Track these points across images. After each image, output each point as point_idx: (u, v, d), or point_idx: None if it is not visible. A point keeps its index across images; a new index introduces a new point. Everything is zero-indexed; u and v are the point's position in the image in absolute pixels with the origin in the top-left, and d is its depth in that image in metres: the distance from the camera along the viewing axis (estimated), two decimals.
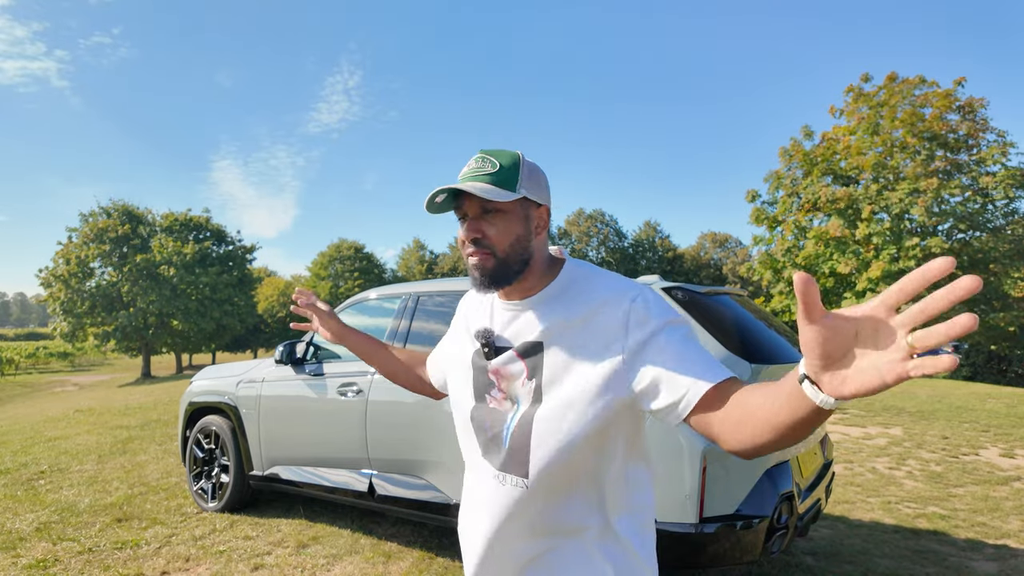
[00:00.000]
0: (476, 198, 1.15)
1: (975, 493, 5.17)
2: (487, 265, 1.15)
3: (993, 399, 12.08)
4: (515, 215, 1.16)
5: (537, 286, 1.20)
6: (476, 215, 1.16)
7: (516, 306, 1.21)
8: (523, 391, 1.16)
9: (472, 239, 1.16)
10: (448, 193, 1.15)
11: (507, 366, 1.18)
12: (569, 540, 1.15)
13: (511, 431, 1.17)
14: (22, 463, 6.42)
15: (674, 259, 54.74)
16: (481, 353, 1.24)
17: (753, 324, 3.14)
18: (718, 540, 2.56)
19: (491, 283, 1.16)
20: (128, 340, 36.62)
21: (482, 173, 1.14)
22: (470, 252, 1.17)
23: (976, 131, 22.87)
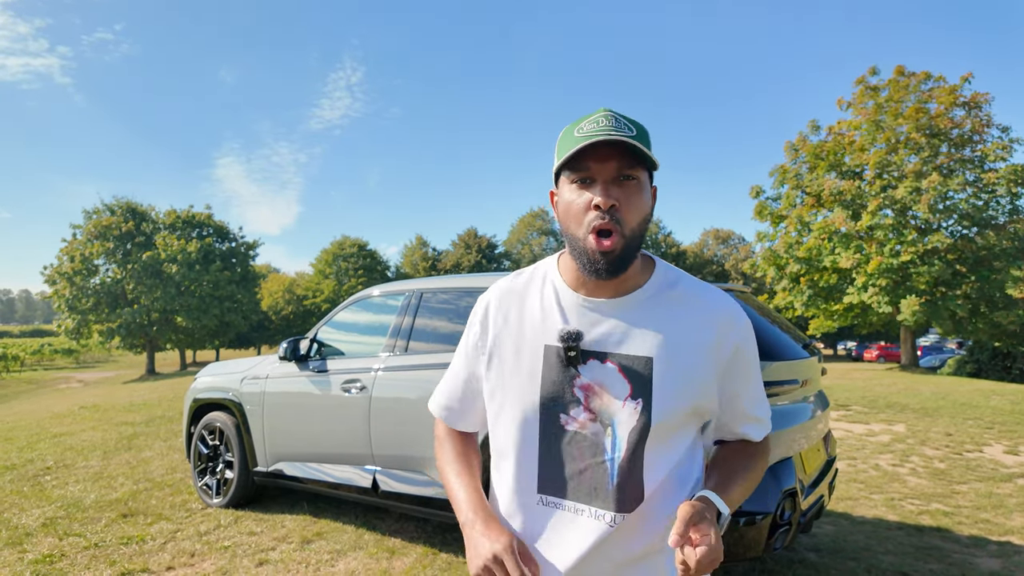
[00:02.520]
0: (614, 159, 0.95)
1: (979, 490, 5.17)
2: (617, 248, 0.96)
3: (997, 396, 12.06)
4: (646, 189, 1.01)
5: (635, 280, 1.04)
6: (610, 179, 0.96)
7: (605, 305, 1.03)
8: (624, 413, 0.98)
9: (609, 207, 0.95)
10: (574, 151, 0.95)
11: (605, 381, 1.00)
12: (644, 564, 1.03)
13: (617, 465, 0.99)
14: (28, 459, 6.45)
15: (677, 256, 54.68)
16: (562, 361, 1.02)
17: (757, 321, 3.14)
18: (721, 536, 2.56)
19: (613, 270, 0.97)
20: (132, 337, 36.77)
21: (624, 134, 0.95)
22: (599, 225, 0.95)
23: (980, 127, 22.78)
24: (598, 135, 0.94)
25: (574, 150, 0.95)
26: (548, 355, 1.03)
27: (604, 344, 1.00)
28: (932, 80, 23.65)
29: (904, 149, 23.31)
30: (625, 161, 0.96)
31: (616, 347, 1.00)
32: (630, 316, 1.01)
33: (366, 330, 4.24)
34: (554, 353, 1.02)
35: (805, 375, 3.12)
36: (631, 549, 1.01)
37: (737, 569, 3.44)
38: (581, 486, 1.00)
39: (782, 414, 2.86)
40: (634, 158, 0.97)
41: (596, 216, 0.95)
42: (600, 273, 0.97)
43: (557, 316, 1.04)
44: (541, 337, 1.04)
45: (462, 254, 51.19)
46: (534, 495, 1.03)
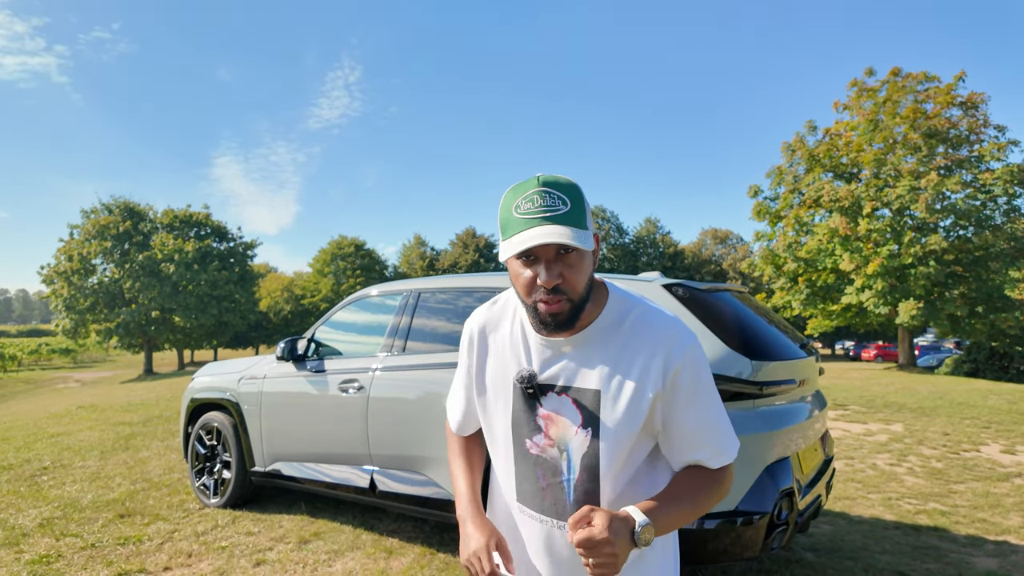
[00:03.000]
0: (555, 242, 1.02)
1: (976, 489, 5.18)
2: (564, 311, 1.07)
3: (994, 395, 12.08)
4: (586, 255, 1.09)
5: (586, 319, 1.13)
6: (552, 258, 1.05)
7: (562, 344, 1.14)
8: (576, 440, 1.11)
9: (553, 287, 1.05)
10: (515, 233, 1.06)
11: (561, 411, 1.12)
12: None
13: (573, 484, 1.13)
14: (25, 459, 6.44)
15: (675, 255, 54.70)
16: (523, 395, 1.16)
17: (754, 321, 3.14)
18: (718, 536, 2.57)
19: (561, 328, 1.08)
20: (130, 336, 36.73)
21: (557, 213, 1.03)
22: (544, 299, 1.06)
23: (977, 127, 22.81)
24: (534, 223, 1.03)
25: (516, 250, 1.03)
26: (516, 390, 1.18)
27: (560, 378, 1.13)
28: (928, 80, 23.69)
29: (901, 149, 23.34)
30: (562, 243, 1.03)
31: (570, 381, 1.13)
32: (582, 352, 1.13)
33: (364, 330, 4.23)
34: (520, 389, 1.17)
35: (802, 375, 3.12)
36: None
37: (734, 568, 3.44)
38: (546, 501, 1.16)
39: (779, 414, 2.86)
40: (582, 238, 1.04)
41: (542, 292, 1.06)
42: (551, 329, 1.09)
43: (522, 355, 1.18)
44: (512, 372, 1.19)
45: (460, 254, 51.17)
46: (515, 504, 1.21)
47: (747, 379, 2.72)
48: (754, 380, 2.73)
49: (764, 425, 2.71)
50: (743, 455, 2.64)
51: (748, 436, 2.65)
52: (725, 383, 2.69)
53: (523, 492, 1.18)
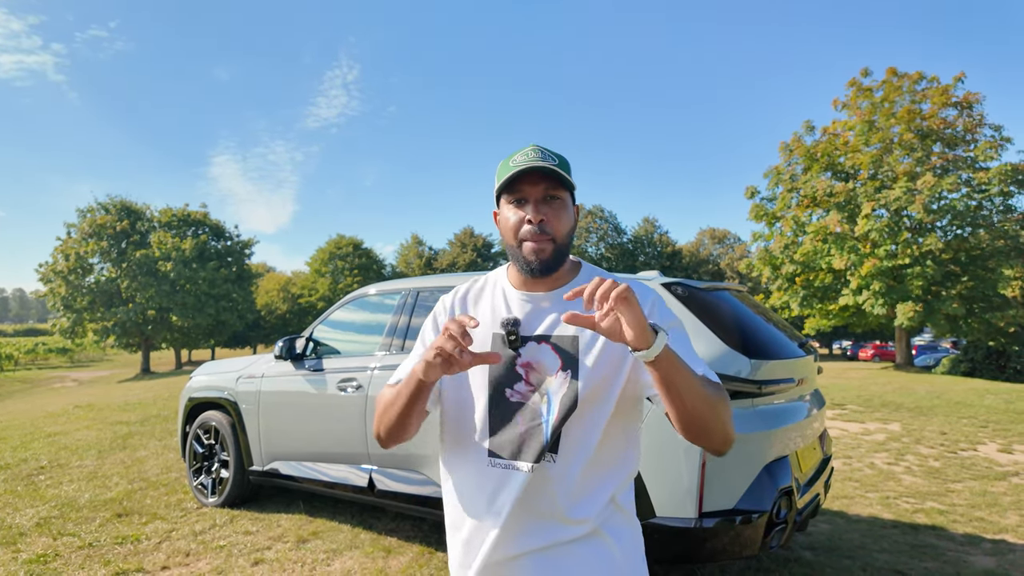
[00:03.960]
0: (542, 183, 1.19)
1: (973, 488, 5.19)
2: (547, 251, 1.19)
3: (991, 395, 12.11)
4: (569, 206, 1.24)
5: (563, 279, 1.26)
6: (539, 199, 1.20)
7: (542, 297, 1.25)
8: (556, 382, 1.19)
9: (539, 222, 1.18)
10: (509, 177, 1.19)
11: (540, 358, 1.21)
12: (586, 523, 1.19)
13: (551, 424, 1.18)
14: (22, 459, 6.42)
15: (672, 255, 54.74)
16: (504, 344, 1.23)
17: (753, 320, 3.14)
18: (717, 535, 2.57)
19: (546, 270, 1.20)
20: (127, 336, 36.65)
21: (549, 163, 1.18)
22: (532, 236, 1.19)
23: (972, 127, 22.87)
24: (527, 164, 1.18)
25: (509, 176, 1.19)
26: (495, 341, 1.24)
27: (541, 328, 1.22)
28: (925, 81, 23.74)
29: (898, 149, 23.38)
30: (550, 184, 1.20)
31: (549, 330, 1.22)
32: (560, 306, 1.23)
33: (362, 329, 4.23)
34: (499, 339, 1.24)
35: (801, 374, 3.12)
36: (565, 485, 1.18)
37: (733, 567, 3.44)
38: (522, 446, 1.19)
39: (778, 413, 2.87)
40: (558, 182, 1.20)
41: (529, 229, 1.19)
42: (535, 271, 1.20)
43: (503, 309, 1.27)
44: (490, 328, 1.26)
45: (458, 253, 51.15)
46: (484, 458, 1.22)
47: (746, 378, 2.72)
48: (753, 379, 2.74)
49: (763, 424, 2.72)
50: (742, 453, 2.64)
51: (747, 435, 2.65)
52: (724, 382, 2.70)
53: (497, 442, 1.21)
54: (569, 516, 1.18)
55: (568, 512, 1.18)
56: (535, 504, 1.19)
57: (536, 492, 1.19)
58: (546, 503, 1.19)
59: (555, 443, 1.18)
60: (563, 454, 1.18)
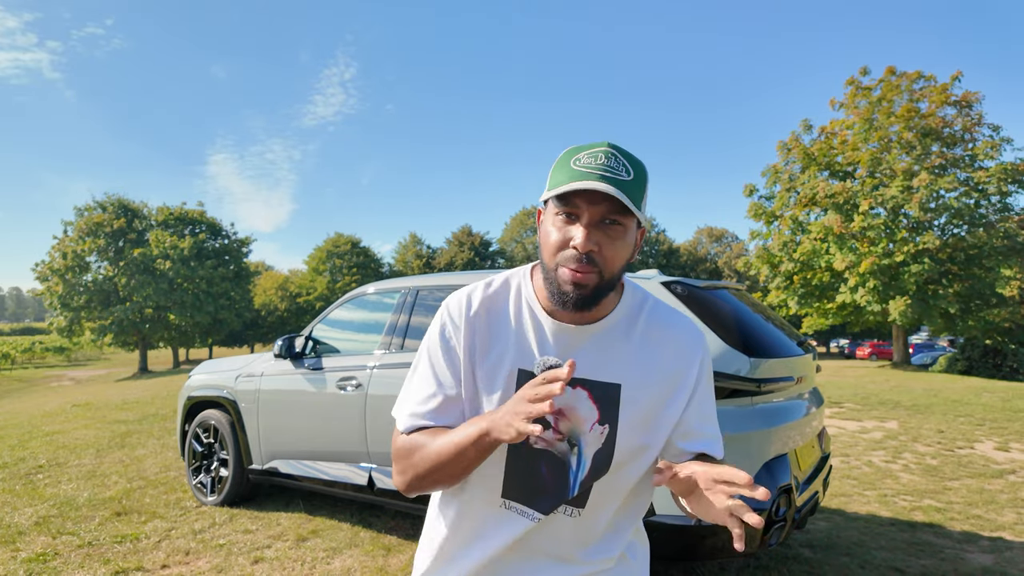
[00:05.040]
0: (603, 203, 0.95)
1: (970, 486, 5.21)
2: (590, 284, 0.97)
3: (988, 393, 12.15)
4: (630, 235, 1.00)
5: (605, 306, 1.07)
6: (594, 223, 0.96)
7: (580, 332, 1.05)
8: (591, 435, 1.04)
9: (587, 251, 0.96)
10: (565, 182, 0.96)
11: (575, 405, 1.03)
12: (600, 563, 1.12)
13: (580, 480, 1.05)
14: (20, 457, 6.41)
15: (670, 253, 54.79)
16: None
17: (752, 318, 3.15)
18: (716, 533, 2.58)
19: (582, 307, 0.99)
20: (125, 334, 36.58)
21: (618, 178, 0.95)
22: (575, 266, 0.96)
23: (971, 126, 22.92)
24: (592, 177, 0.94)
25: (564, 189, 0.94)
26: (521, 380, 1.04)
27: (577, 369, 1.02)
28: (923, 80, 23.79)
29: (896, 148, 23.43)
30: (613, 206, 0.95)
31: (587, 374, 1.03)
32: (601, 343, 1.05)
33: (361, 328, 4.23)
34: (527, 377, 1.04)
35: (800, 372, 3.13)
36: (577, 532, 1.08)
37: (732, 565, 3.45)
38: (543, 495, 1.06)
39: (777, 411, 2.88)
40: (623, 204, 0.95)
41: (573, 255, 0.96)
42: (567, 305, 0.98)
43: (533, 341, 1.06)
44: (516, 360, 1.06)
45: (456, 252, 51.12)
46: (497, 499, 1.08)
47: (746, 376, 2.73)
48: (753, 377, 2.74)
49: (762, 422, 2.72)
50: (742, 451, 2.65)
51: (747, 433, 2.66)
52: (724, 380, 2.70)
53: (513, 487, 1.07)
54: (588, 559, 1.10)
55: (588, 556, 1.10)
56: (553, 549, 1.09)
57: (555, 538, 1.08)
58: (566, 548, 1.09)
59: (583, 497, 1.07)
60: (590, 508, 1.08)
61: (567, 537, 1.09)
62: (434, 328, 1.12)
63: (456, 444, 0.99)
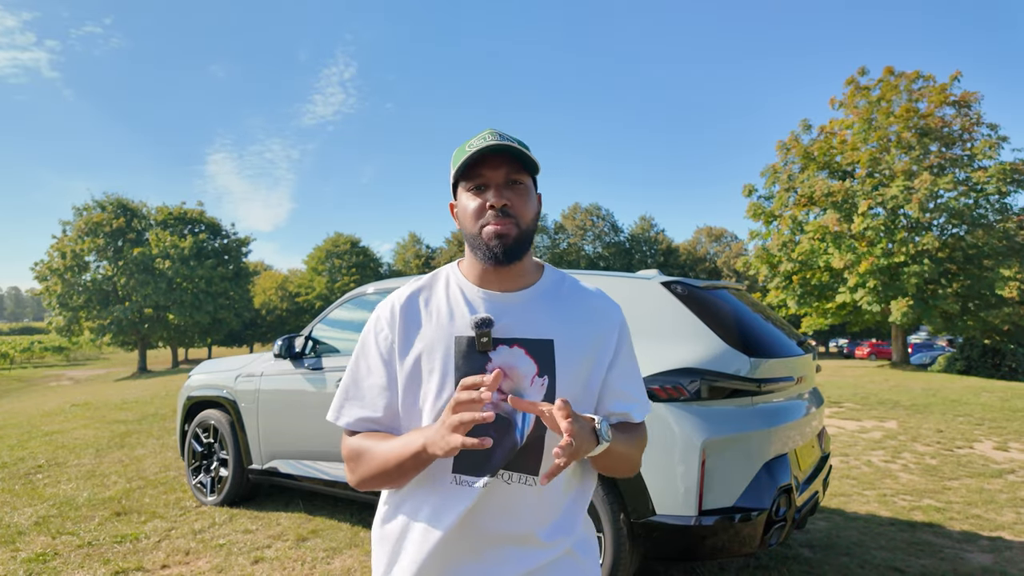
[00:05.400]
0: (503, 167, 1.10)
1: (970, 486, 5.22)
2: (511, 234, 1.09)
3: (987, 393, 12.16)
4: (532, 192, 1.16)
5: (529, 278, 1.18)
6: (501, 183, 1.11)
7: (509, 297, 1.15)
8: (532, 388, 1.10)
9: (502, 206, 1.09)
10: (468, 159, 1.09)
11: (514, 363, 1.10)
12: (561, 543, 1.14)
13: (525, 434, 1.09)
14: (19, 457, 6.41)
15: (669, 253, 54.81)
16: (472, 349, 1.11)
17: (752, 318, 3.15)
18: (716, 533, 2.58)
19: (510, 256, 1.10)
20: (124, 334, 36.56)
21: (508, 143, 1.09)
22: (495, 221, 1.09)
23: (970, 126, 22.93)
24: (487, 145, 1.08)
25: (468, 157, 1.09)
26: (459, 346, 1.12)
27: (511, 330, 1.12)
28: (922, 79, 23.80)
29: (895, 148, 23.44)
30: (513, 167, 1.11)
31: (522, 332, 1.12)
32: (530, 306, 1.15)
33: (361, 328, 4.22)
34: (465, 343, 1.11)
35: (800, 372, 3.14)
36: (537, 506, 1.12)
37: (732, 564, 3.46)
38: (492, 460, 1.09)
39: (777, 411, 2.88)
40: (520, 165, 1.12)
41: (492, 215, 1.09)
42: (498, 257, 1.09)
43: (465, 309, 1.14)
44: (450, 331, 1.13)
45: (456, 252, 51.12)
46: (448, 475, 1.10)
47: (746, 376, 2.73)
48: (753, 377, 2.75)
49: (763, 422, 2.73)
50: (742, 452, 2.65)
51: (747, 433, 2.66)
52: (724, 380, 2.71)
53: (463, 460, 1.09)
54: (546, 540, 1.12)
55: (550, 536, 1.13)
56: (512, 527, 1.10)
57: (514, 513, 1.10)
58: (525, 526, 1.11)
59: (536, 462, 1.10)
60: (544, 464, 1.11)
61: (526, 513, 1.11)
62: (368, 328, 1.21)
63: (397, 456, 1.07)
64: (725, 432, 2.63)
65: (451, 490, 1.10)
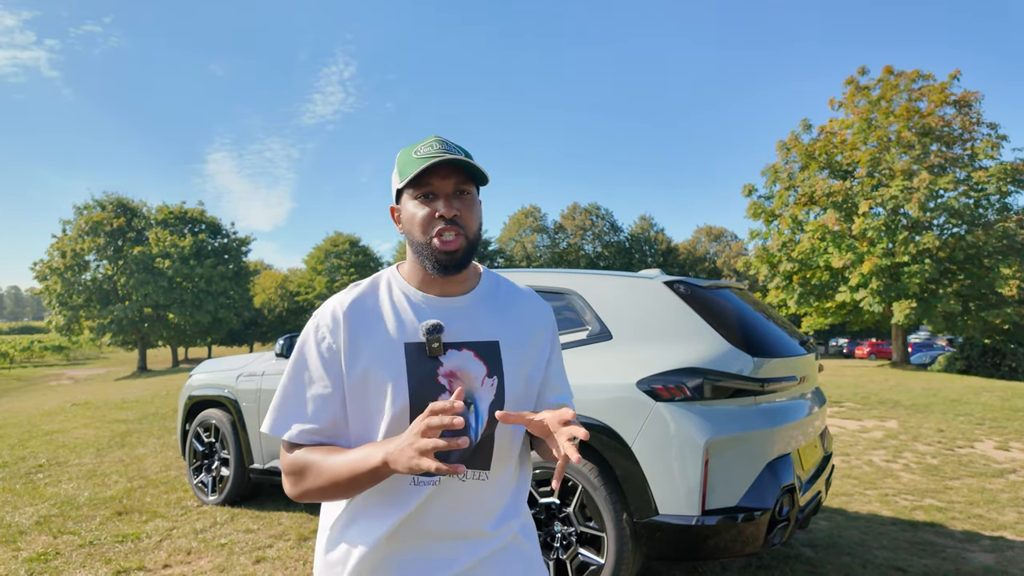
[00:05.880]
0: (452, 176, 1.11)
1: (971, 485, 5.22)
2: (461, 247, 1.11)
3: (987, 392, 12.16)
4: (478, 201, 1.18)
5: (470, 282, 1.22)
6: (451, 193, 1.12)
7: (453, 302, 1.17)
8: (484, 389, 1.13)
9: (452, 216, 1.10)
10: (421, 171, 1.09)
11: (464, 366, 1.13)
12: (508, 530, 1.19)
13: (479, 431, 1.13)
14: (20, 457, 6.40)
15: (668, 252, 54.80)
16: (423, 354, 1.11)
17: (754, 317, 3.15)
18: (719, 532, 2.58)
19: (459, 267, 1.13)
20: (124, 333, 36.56)
21: (457, 156, 1.10)
22: (445, 229, 1.10)
23: (970, 125, 22.93)
24: (437, 156, 1.09)
25: (421, 168, 1.08)
26: (410, 352, 1.12)
27: (459, 335, 1.14)
28: (922, 79, 23.79)
29: (895, 148, 23.44)
30: (461, 178, 1.13)
31: (469, 336, 1.15)
32: (474, 310, 1.18)
33: None
34: (415, 349, 1.12)
35: (802, 371, 3.13)
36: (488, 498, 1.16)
37: (734, 564, 3.45)
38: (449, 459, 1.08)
39: (780, 411, 2.88)
40: (467, 175, 1.13)
41: (442, 225, 1.10)
42: (448, 269, 1.11)
43: (412, 315, 1.14)
44: (399, 337, 1.13)
45: None
46: (406, 479, 1.11)
47: (749, 376, 2.73)
48: (756, 377, 2.74)
49: (766, 422, 2.72)
50: (745, 451, 2.65)
51: (750, 432, 2.66)
52: (727, 380, 2.70)
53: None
54: (495, 529, 1.16)
55: (496, 526, 1.16)
56: (463, 522, 1.13)
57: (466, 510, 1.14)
58: (475, 520, 1.14)
59: (488, 458, 1.14)
60: (495, 468, 1.15)
61: (476, 507, 1.15)
62: (308, 335, 1.16)
63: (352, 471, 1.04)
64: (728, 432, 2.63)
65: (408, 489, 1.11)
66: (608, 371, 2.86)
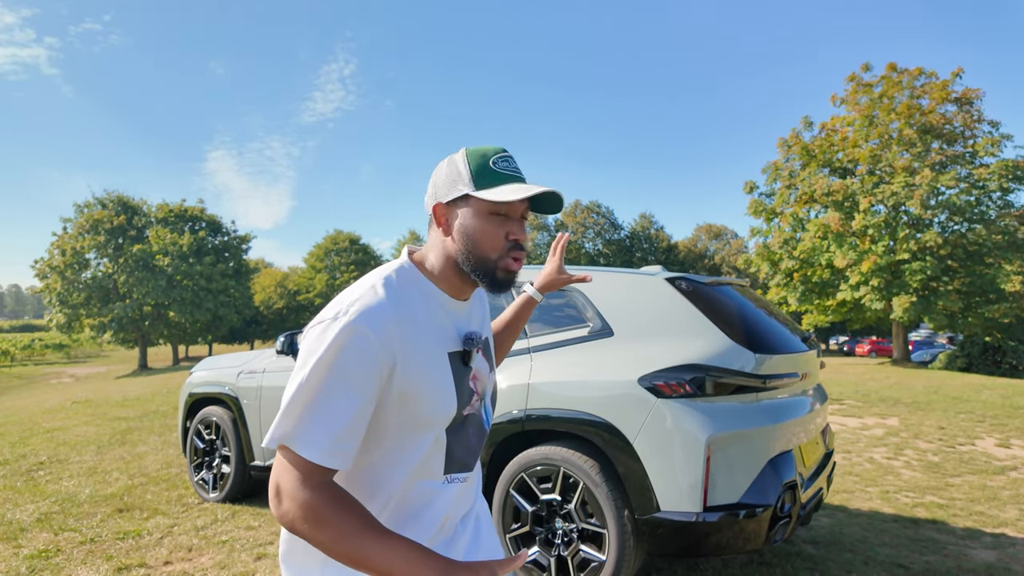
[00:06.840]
0: (527, 204, 1.14)
1: (972, 482, 5.21)
2: (519, 271, 1.18)
3: (988, 390, 12.16)
4: None
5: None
6: (520, 218, 1.14)
7: (466, 305, 1.23)
8: (488, 384, 1.24)
9: (521, 243, 1.13)
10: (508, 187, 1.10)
11: (480, 366, 1.21)
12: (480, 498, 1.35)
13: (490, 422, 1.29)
14: (21, 454, 6.41)
15: (668, 250, 54.76)
16: (459, 362, 1.14)
17: (756, 314, 3.14)
18: (721, 529, 2.57)
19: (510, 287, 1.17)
20: (124, 331, 36.57)
21: (536, 182, 1.15)
22: (514, 256, 1.12)
23: (971, 123, 22.90)
24: (519, 181, 1.11)
25: (518, 196, 1.05)
26: (454, 360, 1.13)
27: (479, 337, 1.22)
28: (924, 76, 23.75)
29: (897, 145, 23.41)
30: (527, 207, 1.15)
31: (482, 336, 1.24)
32: (475, 311, 1.26)
33: None
34: (457, 358, 1.14)
35: (804, 368, 3.13)
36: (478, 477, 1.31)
37: (735, 560, 3.45)
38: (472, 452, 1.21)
39: (782, 407, 2.87)
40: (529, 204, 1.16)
41: (515, 247, 1.12)
42: (503, 287, 1.14)
43: (448, 323, 1.15)
44: (443, 346, 1.12)
45: None
46: (440, 478, 1.14)
47: (751, 372, 2.72)
48: (758, 373, 2.74)
49: (767, 418, 2.72)
50: (747, 448, 2.64)
51: (752, 429, 2.65)
52: (729, 376, 2.70)
53: (454, 461, 1.14)
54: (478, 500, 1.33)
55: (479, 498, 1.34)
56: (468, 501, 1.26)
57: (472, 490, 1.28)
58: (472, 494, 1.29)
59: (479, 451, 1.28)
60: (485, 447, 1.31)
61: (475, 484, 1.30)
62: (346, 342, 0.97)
63: (387, 566, 0.91)
64: (730, 428, 2.62)
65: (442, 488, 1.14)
66: (610, 368, 2.86)
